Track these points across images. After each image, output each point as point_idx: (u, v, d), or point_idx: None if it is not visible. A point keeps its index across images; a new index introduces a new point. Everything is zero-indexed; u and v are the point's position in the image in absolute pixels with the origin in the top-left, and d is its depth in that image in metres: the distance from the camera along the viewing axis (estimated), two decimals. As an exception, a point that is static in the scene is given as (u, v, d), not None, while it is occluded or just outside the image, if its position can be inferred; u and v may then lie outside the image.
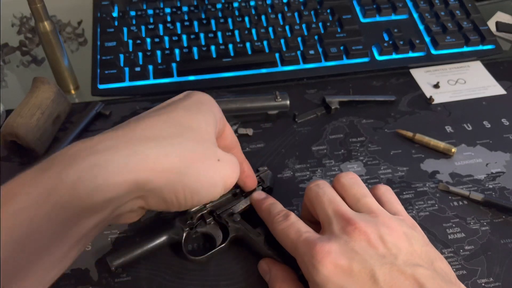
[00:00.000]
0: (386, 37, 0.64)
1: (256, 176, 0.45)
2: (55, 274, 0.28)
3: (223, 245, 0.42)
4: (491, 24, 0.66)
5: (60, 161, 0.27)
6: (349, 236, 0.33)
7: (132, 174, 0.28)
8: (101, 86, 0.58)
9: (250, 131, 0.53)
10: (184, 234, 0.42)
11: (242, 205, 0.43)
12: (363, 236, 0.33)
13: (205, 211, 0.42)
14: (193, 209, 0.42)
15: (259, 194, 0.42)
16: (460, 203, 0.47)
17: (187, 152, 0.31)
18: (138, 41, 0.61)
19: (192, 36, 0.62)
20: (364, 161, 0.51)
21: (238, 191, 0.44)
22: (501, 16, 0.70)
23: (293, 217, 0.37)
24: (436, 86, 0.60)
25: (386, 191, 0.39)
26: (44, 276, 0.27)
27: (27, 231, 0.25)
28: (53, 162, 0.27)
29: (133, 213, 0.33)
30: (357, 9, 0.67)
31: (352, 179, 0.38)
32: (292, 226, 0.36)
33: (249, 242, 0.41)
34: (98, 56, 0.60)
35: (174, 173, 0.30)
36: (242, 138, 0.53)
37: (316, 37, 0.62)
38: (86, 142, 0.29)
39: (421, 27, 0.64)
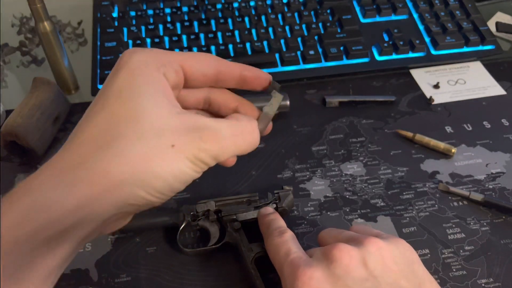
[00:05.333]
0: (386, 37, 0.64)
1: (275, 194, 0.44)
2: None
3: (214, 246, 0.42)
4: (491, 24, 0.66)
5: (4, 202, 0.26)
6: (331, 260, 0.32)
7: (76, 205, 0.26)
8: (101, 87, 0.58)
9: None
10: (184, 223, 0.42)
11: (248, 215, 0.43)
12: (344, 261, 0.32)
13: (212, 209, 0.43)
14: (201, 202, 0.43)
15: (266, 210, 0.42)
16: (460, 203, 0.47)
17: (133, 159, 0.27)
18: (138, 41, 0.61)
19: (192, 37, 0.62)
20: (364, 161, 0.51)
21: (253, 199, 0.44)
22: (501, 17, 0.70)
23: (288, 235, 0.37)
24: (436, 86, 0.60)
25: (360, 225, 0.40)
26: None
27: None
28: (5, 199, 0.26)
29: (114, 223, 0.31)
30: (357, 9, 0.67)
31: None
32: (284, 244, 0.36)
33: (238, 253, 0.41)
34: (98, 56, 0.60)
35: (128, 183, 0.27)
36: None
37: (316, 37, 0.62)
38: (28, 181, 0.27)
39: (421, 27, 0.64)
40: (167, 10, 0.66)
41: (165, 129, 0.28)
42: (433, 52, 0.62)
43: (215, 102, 0.35)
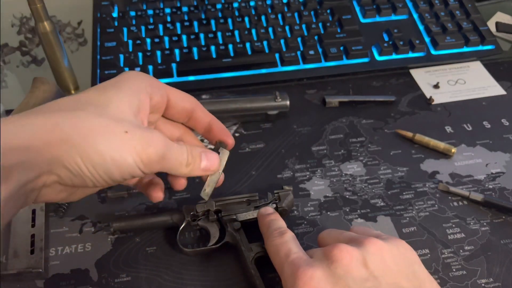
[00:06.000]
0: (386, 37, 0.64)
1: (275, 194, 0.44)
2: None
3: (214, 246, 0.42)
4: (491, 24, 0.66)
5: None
6: (332, 261, 0.33)
7: (24, 142, 0.29)
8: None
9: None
10: (184, 223, 0.42)
11: (248, 215, 0.43)
12: (345, 261, 0.32)
13: (212, 209, 0.43)
14: (201, 202, 0.43)
15: (266, 210, 0.42)
16: (460, 203, 0.47)
17: (84, 125, 0.30)
18: (138, 41, 0.61)
19: (192, 36, 0.62)
20: (364, 161, 0.51)
21: (253, 199, 0.44)
22: (501, 17, 0.70)
23: (288, 235, 0.37)
24: (436, 86, 0.60)
25: (360, 226, 0.40)
26: None
27: None
28: None
29: (49, 189, 0.32)
30: (357, 9, 0.67)
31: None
32: (284, 244, 0.36)
33: (239, 253, 0.41)
34: (98, 57, 0.60)
35: (69, 144, 0.30)
36: (241, 138, 0.53)
37: (316, 37, 0.62)
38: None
39: (421, 27, 0.64)
40: (167, 10, 0.66)
41: (125, 120, 0.32)
42: (433, 52, 0.62)
43: (184, 143, 0.40)
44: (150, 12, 0.65)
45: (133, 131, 0.32)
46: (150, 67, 0.59)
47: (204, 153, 0.37)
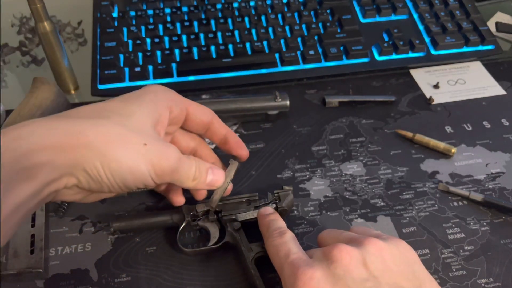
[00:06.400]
0: (386, 37, 0.64)
1: (275, 194, 0.44)
2: None
3: (214, 246, 0.42)
4: (491, 24, 0.66)
5: None
6: (331, 261, 0.33)
7: (52, 144, 0.30)
8: (101, 86, 0.58)
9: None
10: (184, 223, 0.42)
11: (248, 215, 0.43)
12: (344, 261, 0.32)
13: (212, 209, 0.43)
14: (201, 202, 0.43)
15: (266, 210, 0.42)
16: (460, 203, 0.47)
17: (107, 132, 0.32)
18: (138, 41, 0.61)
19: (192, 36, 0.62)
20: (364, 161, 0.51)
21: (253, 199, 0.44)
22: (501, 17, 0.70)
23: (288, 235, 0.37)
24: (436, 86, 0.60)
25: (359, 226, 0.41)
26: None
27: None
28: None
29: (68, 190, 0.33)
30: (357, 9, 0.67)
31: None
32: (284, 244, 0.36)
33: (239, 253, 0.41)
34: (98, 56, 0.60)
35: (91, 150, 0.31)
36: (241, 138, 0.53)
37: (316, 37, 0.62)
38: (18, 124, 0.31)
39: (421, 27, 0.64)
40: (167, 10, 0.66)
41: (145, 132, 0.34)
42: (433, 52, 0.62)
43: (198, 154, 0.44)
44: (150, 12, 0.65)
45: (152, 143, 0.34)
46: (150, 67, 0.59)
47: (211, 168, 0.39)
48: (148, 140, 0.34)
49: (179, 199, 0.42)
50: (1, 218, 0.28)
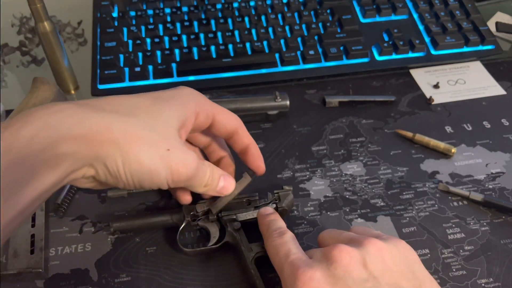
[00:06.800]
0: (386, 37, 0.64)
1: (275, 194, 0.44)
2: (15, 225, 0.30)
3: (214, 246, 0.42)
4: (491, 24, 0.66)
5: (19, 119, 0.29)
6: (331, 261, 0.33)
7: (79, 135, 0.30)
8: (101, 86, 0.58)
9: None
10: (184, 223, 0.42)
11: (248, 215, 0.43)
12: (344, 261, 0.32)
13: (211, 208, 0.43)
14: (201, 202, 0.43)
15: (266, 210, 0.42)
16: (460, 203, 0.47)
17: (133, 132, 0.32)
18: (138, 41, 0.61)
19: (192, 36, 0.62)
20: (364, 161, 0.51)
21: (253, 199, 0.44)
22: (501, 16, 0.70)
23: (288, 236, 0.37)
24: (436, 86, 0.60)
25: (360, 226, 0.41)
26: (7, 225, 0.29)
27: None
28: (14, 121, 0.29)
29: (84, 180, 0.34)
30: (357, 9, 0.67)
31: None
32: (284, 244, 0.36)
33: (239, 253, 0.41)
34: (98, 56, 0.60)
35: (116, 147, 0.32)
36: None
37: (316, 37, 0.62)
38: (47, 106, 0.31)
39: (421, 27, 0.64)
40: (167, 10, 0.66)
41: (170, 137, 0.34)
42: (433, 52, 0.62)
43: (211, 147, 0.44)
44: (150, 12, 0.65)
45: (174, 149, 0.34)
46: (150, 67, 0.59)
47: (223, 176, 0.40)
48: (172, 145, 0.34)
49: (187, 198, 0.42)
50: (26, 203, 0.29)
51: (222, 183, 0.40)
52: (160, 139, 0.34)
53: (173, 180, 0.35)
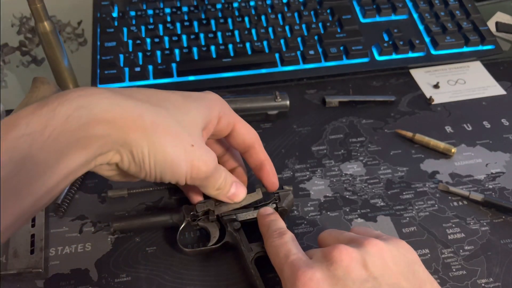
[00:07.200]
0: (386, 37, 0.64)
1: (275, 194, 0.44)
2: (45, 203, 0.31)
3: (214, 246, 0.42)
4: (491, 24, 0.66)
5: (55, 100, 0.30)
6: (331, 262, 0.33)
7: (111, 120, 0.31)
8: (101, 86, 0.58)
9: None
10: (184, 223, 0.42)
11: (248, 215, 0.43)
12: (344, 262, 0.32)
13: (212, 208, 0.43)
14: (201, 202, 0.43)
15: (266, 210, 0.42)
16: (460, 203, 0.47)
17: (163, 123, 0.33)
18: (138, 41, 0.61)
19: (192, 36, 0.62)
20: (364, 161, 0.51)
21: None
22: (501, 16, 0.70)
23: (288, 236, 0.37)
24: (436, 86, 0.60)
25: (360, 226, 0.41)
26: (36, 202, 0.29)
27: (25, 156, 0.28)
28: (51, 100, 0.30)
29: (109, 167, 0.34)
30: (357, 9, 0.67)
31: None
32: (284, 245, 0.36)
33: (239, 253, 0.41)
34: (98, 56, 0.60)
35: (144, 135, 0.32)
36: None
37: (316, 37, 0.62)
38: (83, 89, 0.32)
39: (421, 27, 0.64)
40: (167, 10, 0.66)
41: (195, 134, 0.36)
42: (433, 52, 0.62)
43: (226, 157, 0.45)
44: (150, 12, 0.65)
45: (198, 146, 0.35)
46: (150, 67, 0.59)
47: (236, 183, 0.41)
48: (196, 141, 0.35)
49: (198, 198, 0.43)
50: (55, 181, 0.30)
51: (234, 190, 0.41)
52: (186, 134, 0.34)
53: (192, 177, 0.35)
